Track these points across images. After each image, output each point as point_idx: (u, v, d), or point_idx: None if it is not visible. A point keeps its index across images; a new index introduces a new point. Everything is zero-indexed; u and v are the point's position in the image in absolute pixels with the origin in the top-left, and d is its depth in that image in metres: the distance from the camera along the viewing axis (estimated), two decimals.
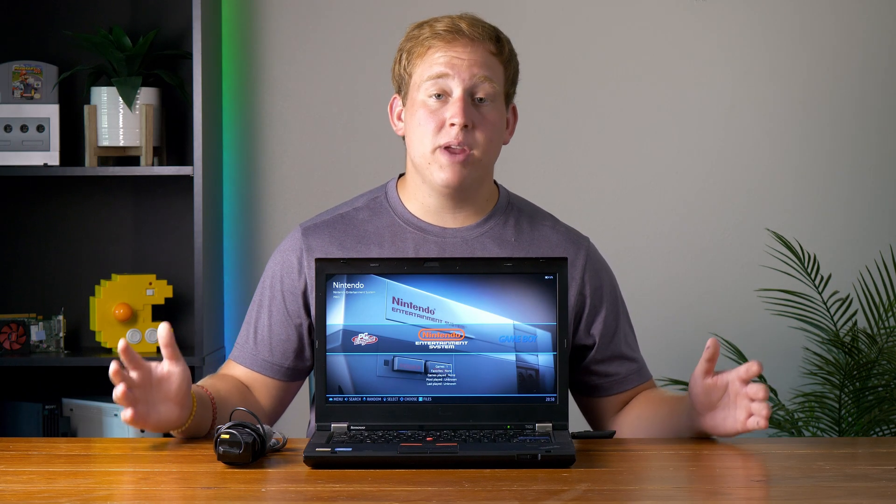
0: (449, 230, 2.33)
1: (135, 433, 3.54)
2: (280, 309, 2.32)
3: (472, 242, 2.33)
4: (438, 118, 2.26)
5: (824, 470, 1.92)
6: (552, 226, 2.39)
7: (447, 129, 2.25)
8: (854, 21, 3.77)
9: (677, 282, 3.79)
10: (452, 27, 2.28)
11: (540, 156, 3.79)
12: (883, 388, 3.47)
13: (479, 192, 2.34)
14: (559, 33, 3.78)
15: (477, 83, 2.27)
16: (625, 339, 2.38)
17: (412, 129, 2.29)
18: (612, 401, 2.37)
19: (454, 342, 2.09)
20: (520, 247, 2.34)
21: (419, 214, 2.34)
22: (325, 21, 3.79)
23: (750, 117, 3.78)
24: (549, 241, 2.36)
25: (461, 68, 2.26)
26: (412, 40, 2.31)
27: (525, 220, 2.37)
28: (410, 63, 2.30)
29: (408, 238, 2.32)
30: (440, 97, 2.27)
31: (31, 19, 3.75)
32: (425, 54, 2.28)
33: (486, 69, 2.27)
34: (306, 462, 1.91)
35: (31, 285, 3.78)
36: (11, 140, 3.61)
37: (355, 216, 2.36)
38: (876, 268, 3.68)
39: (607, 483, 1.83)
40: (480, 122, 2.27)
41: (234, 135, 3.80)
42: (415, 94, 2.29)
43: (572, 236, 2.39)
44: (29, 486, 1.83)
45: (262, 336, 2.33)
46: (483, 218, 2.35)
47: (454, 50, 2.27)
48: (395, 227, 2.33)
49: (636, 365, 2.38)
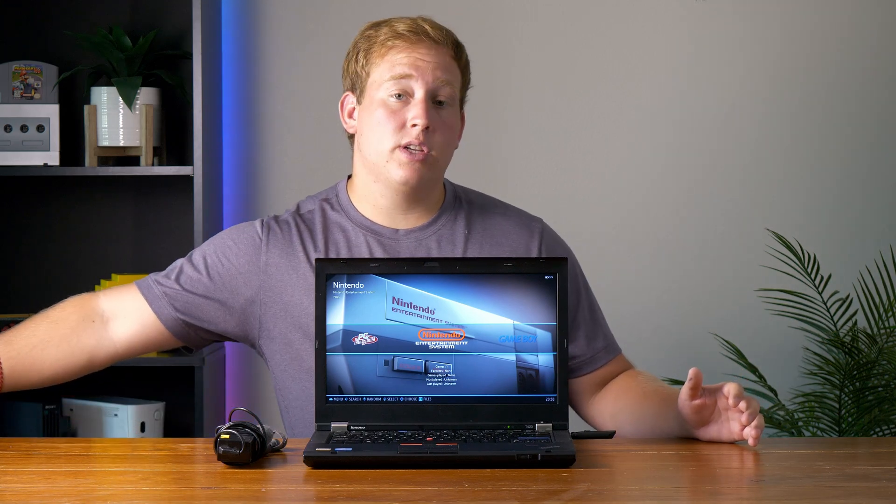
0: (401, 231, 2.33)
1: (135, 433, 3.54)
2: (193, 276, 2.32)
3: (425, 242, 2.33)
4: (399, 118, 2.26)
5: (824, 470, 1.92)
6: (503, 213, 2.38)
7: (408, 130, 2.26)
8: (854, 21, 3.77)
9: (677, 282, 3.79)
10: (416, 28, 2.29)
11: (539, 156, 3.79)
12: (883, 388, 3.47)
13: (431, 193, 2.34)
14: (558, 33, 3.78)
15: (439, 86, 2.28)
16: (588, 315, 2.36)
17: (370, 128, 2.29)
18: (585, 381, 2.35)
19: (454, 342, 2.09)
20: (473, 238, 2.34)
21: (370, 216, 2.34)
22: (325, 21, 3.79)
23: (750, 117, 3.78)
24: (501, 228, 2.36)
25: (425, 70, 2.27)
26: (370, 39, 2.31)
27: (476, 211, 2.37)
28: (369, 62, 2.30)
29: (361, 242, 2.32)
30: (401, 97, 2.27)
31: (31, 19, 3.75)
32: (386, 54, 2.28)
33: (447, 73, 2.29)
34: (306, 462, 1.91)
35: (31, 285, 3.78)
36: (11, 140, 3.61)
37: (311, 219, 2.35)
38: (876, 268, 3.68)
39: (607, 483, 1.83)
40: (440, 125, 2.28)
41: (234, 135, 3.80)
42: (373, 93, 2.29)
43: (524, 220, 2.38)
44: (29, 486, 1.83)
45: (171, 283, 2.33)
46: (433, 217, 2.35)
47: (418, 51, 2.28)
48: (346, 231, 2.33)
49: (604, 341, 2.37)
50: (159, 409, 3.59)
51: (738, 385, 2.07)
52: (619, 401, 2.31)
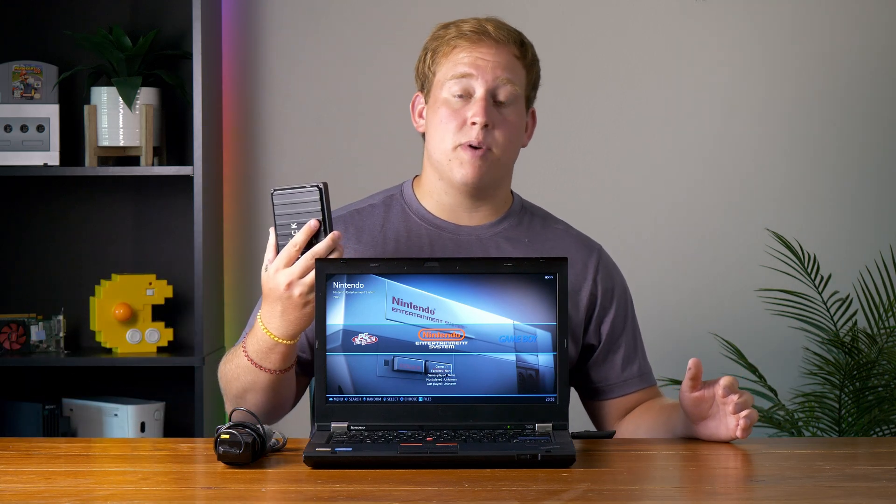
0: (464, 228, 2.35)
1: (135, 433, 3.54)
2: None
3: (486, 241, 2.34)
4: (460, 117, 2.28)
5: (824, 470, 1.92)
6: (565, 230, 2.42)
7: (468, 128, 2.28)
8: (854, 21, 3.77)
9: (677, 282, 3.79)
10: (479, 28, 2.31)
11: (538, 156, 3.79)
12: (883, 388, 3.47)
13: (496, 192, 2.36)
14: (558, 34, 3.78)
15: (499, 85, 2.30)
16: (631, 342, 2.40)
17: (434, 127, 2.31)
18: (614, 404, 2.38)
19: (454, 342, 2.09)
20: (532, 248, 2.36)
21: (435, 212, 2.36)
22: (325, 21, 3.79)
23: (750, 117, 3.78)
24: (561, 243, 2.38)
25: (485, 69, 2.29)
26: (437, 39, 2.34)
27: (538, 223, 2.40)
28: (435, 62, 2.33)
29: (423, 234, 2.34)
30: (462, 97, 2.29)
31: (31, 19, 3.75)
32: (450, 54, 2.31)
33: (508, 72, 2.30)
34: (306, 462, 1.91)
35: (31, 285, 3.78)
36: (11, 140, 3.61)
37: (371, 212, 2.37)
38: (876, 268, 3.68)
39: (607, 483, 1.83)
40: (500, 123, 2.29)
41: (234, 135, 3.80)
42: (437, 93, 2.32)
43: (584, 241, 2.42)
44: (29, 486, 1.83)
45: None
46: (498, 218, 2.37)
47: (479, 51, 2.30)
48: (410, 223, 2.35)
49: (639, 370, 2.39)
50: (159, 409, 3.59)
51: (733, 378, 2.09)
52: (640, 418, 2.34)
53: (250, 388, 2.20)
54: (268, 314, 2.14)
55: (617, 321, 2.38)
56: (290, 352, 2.17)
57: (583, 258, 2.38)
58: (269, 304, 2.13)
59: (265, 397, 2.21)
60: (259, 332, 2.16)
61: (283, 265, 2.10)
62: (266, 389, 2.20)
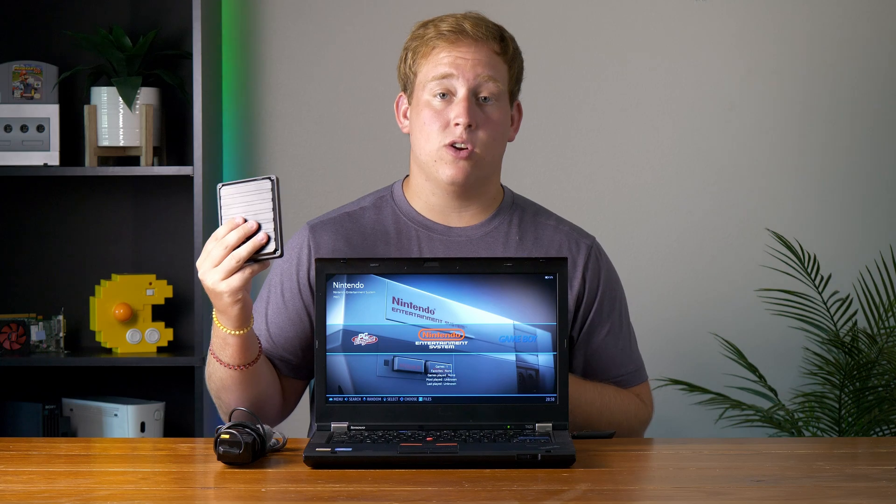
0: (454, 229, 2.34)
1: (135, 433, 3.54)
2: (278, 304, 2.32)
3: (476, 241, 2.34)
4: (443, 118, 2.28)
5: (824, 470, 1.92)
6: (556, 225, 2.40)
7: (452, 129, 2.27)
8: (854, 21, 3.77)
9: (677, 282, 3.79)
10: (456, 27, 2.30)
11: (538, 156, 3.79)
12: (883, 388, 3.47)
13: (484, 191, 2.35)
14: (558, 33, 3.78)
15: (481, 83, 2.29)
16: (620, 335, 2.38)
17: (418, 128, 2.31)
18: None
19: (454, 342, 2.09)
20: (524, 246, 2.34)
21: (424, 213, 2.35)
22: (325, 21, 3.79)
23: (750, 117, 3.78)
24: (551, 239, 2.37)
25: (465, 68, 2.28)
26: (417, 39, 2.33)
27: (529, 219, 2.38)
28: (415, 63, 2.32)
29: (413, 236, 2.33)
30: (445, 97, 2.28)
31: (31, 19, 3.75)
32: (430, 54, 2.30)
33: (489, 69, 2.29)
34: (306, 462, 1.91)
35: (31, 285, 3.78)
36: (11, 140, 3.61)
37: (362, 215, 2.37)
38: (876, 268, 3.68)
39: (607, 483, 1.83)
40: (484, 122, 2.28)
41: (234, 135, 3.80)
42: (420, 94, 2.31)
43: (575, 234, 2.40)
44: (29, 486, 1.83)
45: (260, 329, 2.32)
46: (488, 217, 2.36)
47: (458, 50, 2.29)
48: (400, 225, 2.34)
49: (633, 366, 2.39)
50: (159, 409, 3.59)
51: None
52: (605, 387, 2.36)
53: (222, 387, 2.21)
54: (214, 307, 2.16)
55: (605, 310, 2.36)
56: (243, 344, 2.15)
57: (572, 254, 2.36)
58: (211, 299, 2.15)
59: (237, 396, 2.21)
60: (215, 325, 2.17)
61: (210, 266, 2.08)
62: (236, 388, 2.20)
